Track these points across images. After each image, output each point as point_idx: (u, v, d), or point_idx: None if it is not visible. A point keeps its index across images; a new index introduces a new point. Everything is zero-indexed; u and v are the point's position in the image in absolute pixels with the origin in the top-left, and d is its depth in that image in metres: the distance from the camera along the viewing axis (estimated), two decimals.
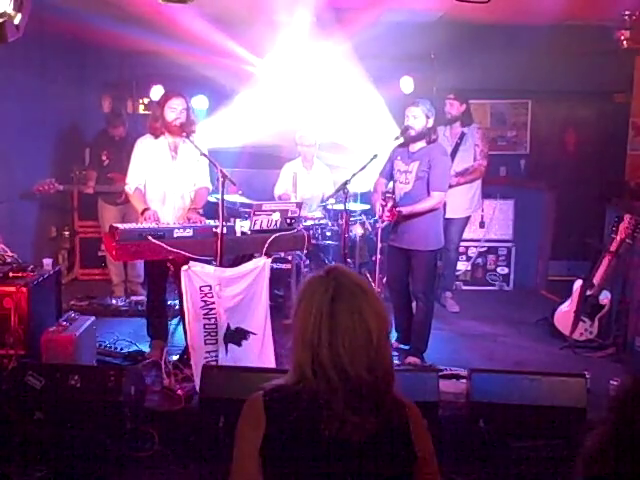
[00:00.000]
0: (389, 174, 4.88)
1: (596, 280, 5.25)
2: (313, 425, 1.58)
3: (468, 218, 6.19)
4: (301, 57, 6.55)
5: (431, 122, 4.67)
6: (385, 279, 5.31)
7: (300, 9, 6.11)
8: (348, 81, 6.81)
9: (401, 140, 4.72)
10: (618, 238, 5.14)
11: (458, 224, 6.01)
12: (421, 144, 4.68)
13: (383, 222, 4.80)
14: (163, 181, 4.58)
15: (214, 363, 4.06)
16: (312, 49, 6.44)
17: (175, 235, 4.09)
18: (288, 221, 4.42)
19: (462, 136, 5.94)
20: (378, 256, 5.11)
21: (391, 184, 4.93)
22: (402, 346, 5.01)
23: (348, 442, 1.58)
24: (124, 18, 6.46)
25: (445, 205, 5.20)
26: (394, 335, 5.09)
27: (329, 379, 1.60)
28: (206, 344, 4.09)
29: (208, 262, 4.14)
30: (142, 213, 4.42)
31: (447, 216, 5.56)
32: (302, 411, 1.60)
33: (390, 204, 4.56)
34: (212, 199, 5.05)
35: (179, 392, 3.97)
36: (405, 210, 4.56)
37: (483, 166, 5.97)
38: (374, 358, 1.62)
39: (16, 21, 3.40)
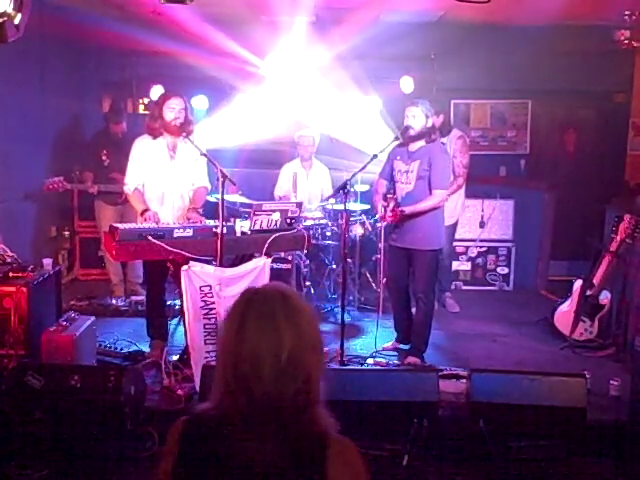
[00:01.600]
0: (389, 175, 4.88)
1: (596, 280, 5.24)
2: (220, 452, 1.44)
3: (456, 223, 6.17)
4: (301, 57, 6.54)
5: (430, 122, 4.67)
6: (385, 279, 5.31)
7: (300, 9, 6.11)
8: (347, 81, 6.81)
9: (401, 140, 4.72)
10: (618, 238, 5.14)
11: (447, 232, 5.92)
12: (421, 143, 4.68)
13: (385, 222, 4.79)
14: (162, 181, 4.57)
15: (214, 363, 4.05)
16: (312, 49, 6.44)
17: (175, 235, 4.09)
18: (288, 221, 4.43)
19: None
20: (379, 256, 5.10)
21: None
22: (402, 346, 5.01)
23: (252, 471, 1.40)
24: (124, 18, 6.47)
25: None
26: (394, 335, 5.09)
27: (236, 399, 1.44)
28: (206, 344, 4.09)
29: (208, 262, 4.14)
30: (142, 214, 4.42)
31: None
32: (211, 438, 1.46)
33: (392, 204, 4.55)
34: (212, 199, 5.05)
35: (179, 392, 3.97)
36: (408, 209, 4.55)
37: (463, 179, 5.86)
38: (286, 371, 1.43)
39: (16, 21, 3.40)
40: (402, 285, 4.95)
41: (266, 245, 4.28)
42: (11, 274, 4.17)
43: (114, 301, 5.89)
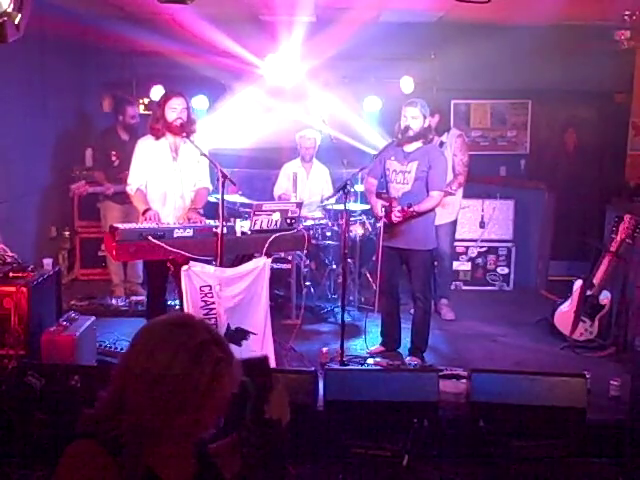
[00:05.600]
0: (380, 174, 4.84)
1: (596, 280, 5.24)
2: None
3: (455, 221, 6.13)
4: (301, 57, 6.54)
5: (427, 122, 4.67)
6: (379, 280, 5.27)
7: (300, 9, 6.11)
8: (347, 81, 6.81)
9: (400, 141, 4.70)
10: (618, 238, 5.14)
11: (445, 229, 5.87)
12: (417, 144, 4.66)
13: (387, 222, 4.72)
14: (164, 181, 4.57)
15: None
16: (312, 49, 6.44)
17: (175, 235, 4.09)
18: (288, 221, 4.42)
19: (441, 145, 5.75)
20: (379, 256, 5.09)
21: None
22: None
23: None
24: (124, 18, 6.48)
25: None
26: (378, 340, 5.06)
27: None
28: None
29: (208, 262, 4.14)
30: (143, 213, 4.42)
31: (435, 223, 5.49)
32: None
33: (396, 204, 4.52)
34: (212, 199, 5.05)
35: None
36: (417, 208, 4.50)
37: (463, 177, 5.84)
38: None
39: (16, 21, 3.40)
40: (393, 286, 4.93)
41: (266, 245, 4.28)
42: (11, 274, 4.17)
43: (114, 301, 5.89)
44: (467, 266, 6.90)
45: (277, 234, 4.33)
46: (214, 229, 4.17)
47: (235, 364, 1.52)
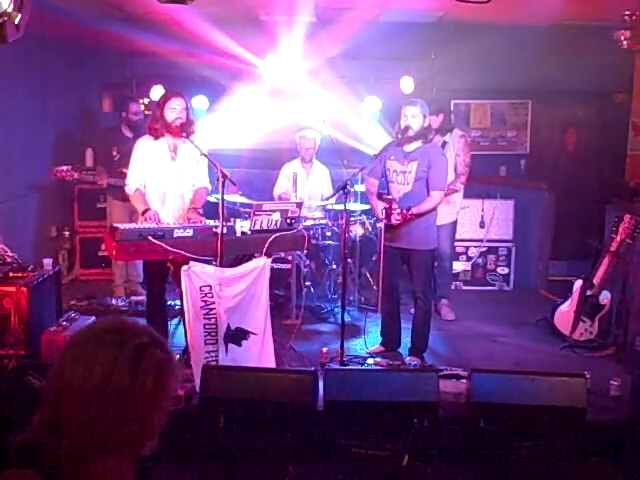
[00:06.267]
0: (380, 174, 4.84)
1: (596, 280, 5.24)
2: None
3: (456, 222, 6.13)
4: (301, 57, 6.54)
5: (427, 121, 4.66)
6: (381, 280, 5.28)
7: (300, 9, 6.11)
8: (347, 81, 6.81)
9: (400, 140, 4.70)
10: (618, 238, 5.14)
11: (446, 229, 5.85)
12: (417, 144, 4.65)
13: (388, 224, 4.72)
14: (163, 182, 4.57)
15: (214, 363, 4.06)
16: (312, 49, 6.44)
17: (175, 235, 4.09)
18: (288, 221, 4.42)
19: (444, 145, 5.76)
20: (380, 256, 5.09)
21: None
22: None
23: None
24: (123, 18, 6.48)
25: None
26: (378, 340, 5.06)
27: None
28: (206, 344, 4.09)
29: (208, 262, 4.14)
30: (143, 213, 4.42)
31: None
32: None
33: (395, 206, 4.52)
34: (212, 199, 5.06)
35: (179, 392, 3.96)
36: (416, 210, 4.51)
37: (465, 177, 5.83)
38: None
39: (16, 21, 3.40)
40: (394, 286, 4.92)
41: (266, 245, 4.28)
42: (11, 274, 4.18)
43: (114, 301, 5.89)
44: (467, 266, 6.90)
45: (277, 234, 4.33)
46: (214, 229, 4.17)
47: (176, 363, 1.42)
